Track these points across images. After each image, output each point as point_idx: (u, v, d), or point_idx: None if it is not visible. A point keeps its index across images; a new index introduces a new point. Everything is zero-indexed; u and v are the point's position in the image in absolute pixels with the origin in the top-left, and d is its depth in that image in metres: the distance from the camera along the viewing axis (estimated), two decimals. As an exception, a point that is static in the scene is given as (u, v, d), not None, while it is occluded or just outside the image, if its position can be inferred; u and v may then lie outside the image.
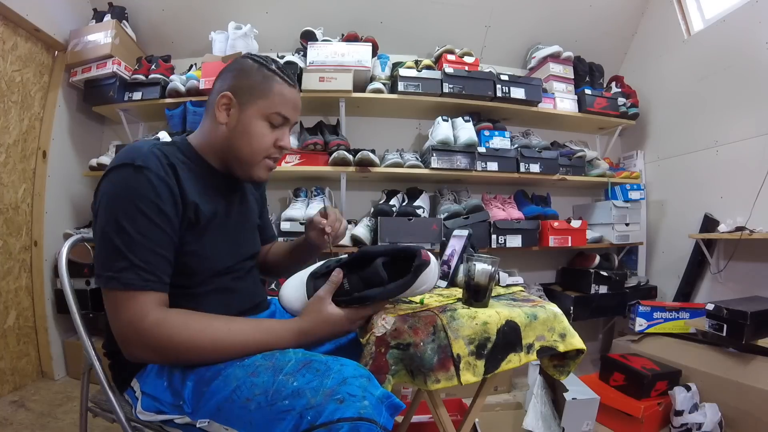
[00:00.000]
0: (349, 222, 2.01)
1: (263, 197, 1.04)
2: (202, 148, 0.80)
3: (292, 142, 1.92)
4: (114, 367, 0.75)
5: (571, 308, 1.99)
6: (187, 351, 0.64)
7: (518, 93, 2.07)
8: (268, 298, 0.97)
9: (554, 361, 0.87)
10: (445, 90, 1.98)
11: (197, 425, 0.62)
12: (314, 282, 0.75)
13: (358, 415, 0.53)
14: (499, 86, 2.04)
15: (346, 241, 1.84)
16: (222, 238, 0.78)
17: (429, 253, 0.73)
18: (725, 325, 1.50)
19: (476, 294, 0.79)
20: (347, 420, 0.52)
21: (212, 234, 0.75)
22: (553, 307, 0.82)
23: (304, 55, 1.94)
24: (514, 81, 2.08)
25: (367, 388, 0.57)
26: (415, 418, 1.28)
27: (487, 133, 2.09)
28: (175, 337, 0.63)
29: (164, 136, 0.78)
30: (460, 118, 2.06)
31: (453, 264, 0.95)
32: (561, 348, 0.80)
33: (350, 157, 1.84)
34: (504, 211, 2.05)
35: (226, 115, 0.77)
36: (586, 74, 2.35)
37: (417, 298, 0.82)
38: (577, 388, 1.42)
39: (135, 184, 0.63)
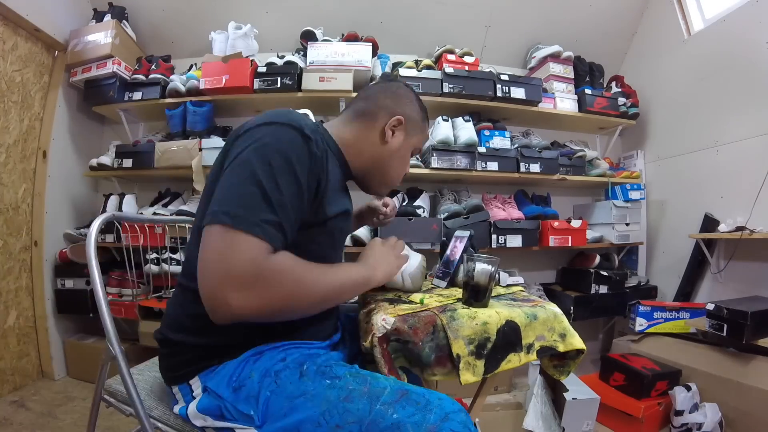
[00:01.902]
0: (349, 222, 2.01)
1: None
2: (347, 147, 0.81)
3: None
4: (173, 354, 0.69)
5: (571, 308, 1.99)
6: (300, 290, 0.59)
7: (518, 93, 2.07)
8: None
9: (554, 361, 0.87)
10: (445, 90, 1.98)
11: None
12: None
13: None
14: (499, 86, 2.04)
15: (346, 241, 1.84)
16: (340, 230, 0.80)
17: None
18: (725, 325, 1.49)
19: (476, 294, 0.79)
20: None
21: (339, 228, 0.77)
22: (553, 307, 0.82)
23: (304, 55, 1.94)
24: (514, 81, 2.08)
25: (467, 425, 0.55)
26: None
27: (487, 133, 2.09)
28: (291, 274, 0.58)
29: (309, 114, 0.79)
30: (460, 118, 2.06)
31: (453, 264, 0.95)
32: (561, 348, 0.80)
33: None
34: (504, 211, 2.05)
35: (392, 134, 0.82)
36: (586, 74, 2.35)
37: (417, 298, 0.82)
38: (577, 388, 1.42)
39: (300, 150, 0.61)
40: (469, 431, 0.55)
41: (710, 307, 1.55)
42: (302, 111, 0.77)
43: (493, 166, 2.01)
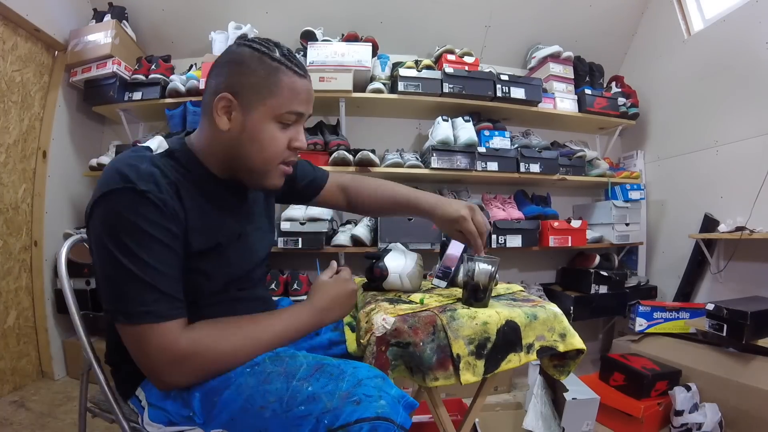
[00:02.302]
0: (348, 222, 2.01)
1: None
2: (204, 154, 0.69)
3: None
4: (117, 374, 0.73)
5: (571, 308, 1.99)
6: (227, 360, 0.61)
7: (518, 93, 2.07)
8: (274, 299, 0.97)
9: (554, 361, 0.87)
10: (445, 90, 1.98)
11: None
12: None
13: (376, 414, 0.52)
14: (499, 86, 2.04)
15: (345, 241, 1.84)
16: (230, 253, 0.72)
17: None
18: (725, 325, 1.49)
19: (476, 294, 0.79)
20: (366, 420, 0.52)
21: (220, 252, 0.69)
22: (553, 307, 0.82)
23: (304, 55, 1.94)
24: (514, 81, 2.08)
25: (382, 388, 0.57)
26: (415, 418, 1.28)
27: (487, 133, 2.09)
28: (213, 350, 0.60)
29: (159, 142, 0.64)
30: (460, 118, 2.06)
31: (453, 264, 0.95)
32: (561, 348, 0.80)
33: (350, 157, 1.84)
34: (504, 211, 2.05)
35: (227, 120, 0.65)
36: (586, 74, 2.35)
37: (417, 298, 0.82)
38: (577, 388, 1.42)
39: (141, 209, 0.57)
40: (386, 394, 0.56)
41: (710, 307, 1.55)
42: (147, 143, 0.68)
43: (493, 166, 2.01)
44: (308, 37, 2.01)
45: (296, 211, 1.86)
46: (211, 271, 0.68)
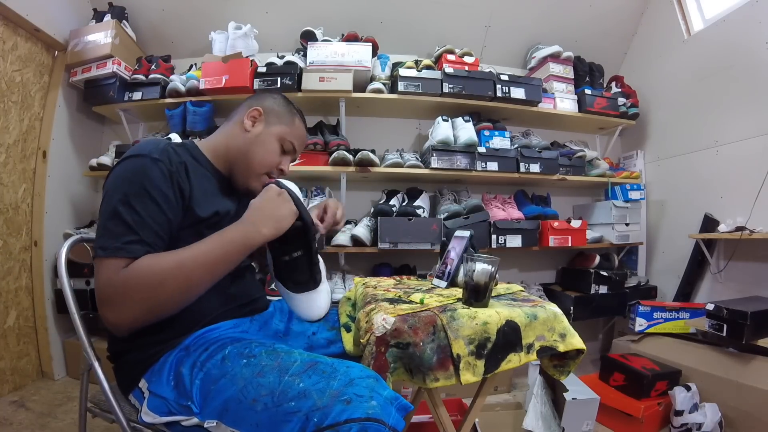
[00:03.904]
0: (348, 222, 2.01)
1: None
2: (215, 151, 0.88)
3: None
4: (119, 369, 0.75)
5: (571, 308, 1.99)
6: (158, 283, 0.64)
7: (518, 93, 2.07)
8: (267, 297, 0.97)
9: (554, 361, 0.87)
10: (445, 90, 1.98)
11: (205, 426, 0.61)
12: None
13: (366, 415, 0.52)
14: (499, 86, 2.04)
15: (345, 241, 1.84)
16: (225, 223, 0.78)
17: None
18: (725, 325, 1.49)
19: (476, 294, 0.79)
20: (355, 420, 0.52)
21: (212, 230, 0.76)
22: (553, 307, 0.82)
23: (304, 55, 1.94)
24: (514, 81, 2.08)
25: (374, 389, 0.57)
26: (415, 418, 1.28)
27: (487, 133, 2.09)
28: (144, 274, 0.63)
29: (175, 137, 0.86)
30: (460, 118, 2.06)
31: (453, 264, 0.95)
32: (561, 348, 0.80)
33: (350, 157, 1.85)
34: (504, 211, 2.05)
35: (252, 124, 0.88)
36: (586, 74, 2.35)
37: (417, 298, 0.82)
38: (577, 388, 1.42)
39: (150, 173, 0.69)
40: (378, 395, 0.56)
41: (710, 307, 1.55)
42: (168, 137, 0.89)
43: (493, 166, 2.01)
44: (308, 37, 2.01)
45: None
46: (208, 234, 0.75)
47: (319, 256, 0.89)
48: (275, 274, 0.89)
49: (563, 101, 2.23)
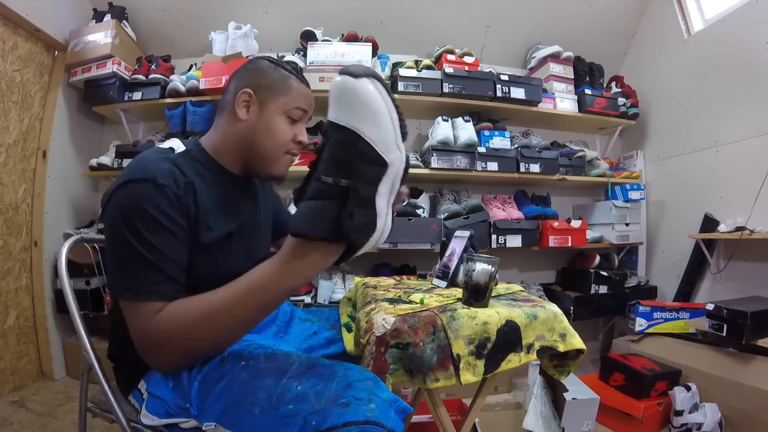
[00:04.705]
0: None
1: (276, 194, 1.04)
2: (218, 150, 0.79)
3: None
4: (119, 370, 0.74)
5: (571, 308, 1.99)
6: (192, 337, 0.60)
7: (518, 93, 2.07)
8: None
9: (554, 361, 0.87)
10: (445, 90, 1.98)
11: (203, 428, 0.61)
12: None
13: (365, 418, 0.52)
14: (499, 86, 2.04)
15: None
16: (236, 246, 0.77)
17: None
18: (725, 325, 1.50)
19: (476, 294, 0.79)
20: (354, 424, 0.51)
21: (226, 244, 0.75)
22: (553, 307, 0.82)
23: (304, 55, 1.94)
24: (514, 81, 2.08)
25: (373, 391, 0.56)
26: (415, 418, 1.28)
27: (487, 133, 2.09)
28: (177, 329, 0.59)
29: (177, 144, 0.75)
30: (460, 118, 2.06)
31: (453, 264, 0.95)
32: (561, 348, 0.80)
33: (350, 157, 1.84)
34: (504, 211, 2.05)
35: (246, 111, 0.77)
36: (586, 74, 2.35)
37: (417, 298, 0.82)
38: (577, 388, 1.42)
39: (158, 200, 0.63)
40: (377, 397, 0.55)
41: (710, 307, 1.55)
42: (167, 144, 0.76)
43: (493, 166, 2.01)
44: (308, 37, 2.01)
45: (296, 211, 1.86)
46: (221, 260, 0.73)
47: None
48: None
49: (563, 101, 2.23)
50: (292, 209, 1.87)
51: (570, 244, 2.04)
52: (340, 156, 0.50)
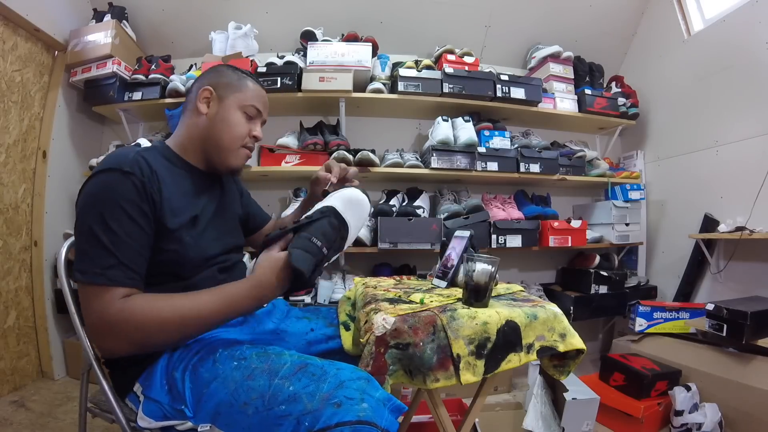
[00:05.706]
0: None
1: (242, 187, 1.06)
2: (183, 146, 0.85)
3: (292, 142, 1.92)
4: (114, 373, 0.75)
5: (571, 308, 1.99)
6: (155, 330, 0.63)
7: (518, 93, 2.07)
8: None
9: (554, 361, 0.87)
10: (445, 90, 1.98)
11: (199, 429, 0.61)
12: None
13: (357, 418, 0.52)
14: (499, 86, 2.04)
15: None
16: (207, 229, 0.81)
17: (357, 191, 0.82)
18: (725, 325, 1.49)
19: (476, 294, 0.79)
20: (346, 424, 0.51)
21: (198, 227, 0.79)
22: (553, 307, 0.82)
23: (304, 55, 1.94)
24: (514, 81, 2.08)
25: (365, 390, 0.56)
26: (415, 418, 1.28)
27: (487, 133, 2.09)
28: (139, 317, 0.62)
29: (144, 142, 0.83)
30: (460, 118, 2.06)
31: (453, 264, 0.95)
32: (561, 348, 0.80)
33: (350, 156, 1.84)
34: (504, 211, 2.05)
35: (206, 106, 0.83)
36: (586, 74, 2.35)
37: (417, 298, 0.82)
38: (577, 388, 1.42)
39: (122, 188, 0.66)
40: (370, 397, 0.55)
41: (710, 307, 1.55)
42: (136, 142, 0.91)
43: (493, 166, 2.01)
44: (308, 37, 2.01)
45: (296, 211, 1.86)
46: (189, 243, 0.75)
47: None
48: None
49: (563, 101, 2.23)
50: (292, 209, 1.87)
51: (570, 244, 2.04)
52: (332, 235, 0.74)
